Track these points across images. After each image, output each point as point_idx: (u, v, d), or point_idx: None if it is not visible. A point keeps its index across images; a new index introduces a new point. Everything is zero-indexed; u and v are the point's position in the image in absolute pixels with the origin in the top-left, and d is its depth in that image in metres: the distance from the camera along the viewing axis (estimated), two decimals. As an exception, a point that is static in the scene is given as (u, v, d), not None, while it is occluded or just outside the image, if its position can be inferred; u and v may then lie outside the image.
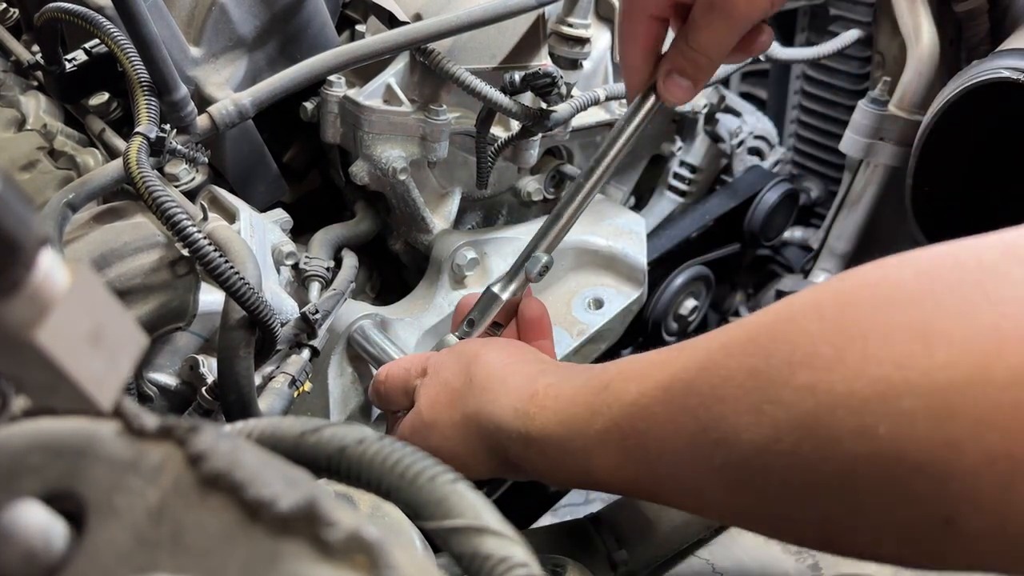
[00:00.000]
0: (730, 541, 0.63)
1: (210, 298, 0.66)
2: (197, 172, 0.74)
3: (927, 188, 0.93)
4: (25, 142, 0.72)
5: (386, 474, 0.29)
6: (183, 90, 0.66)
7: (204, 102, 0.72)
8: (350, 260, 0.82)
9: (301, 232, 0.85)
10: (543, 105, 0.80)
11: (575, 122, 0.88)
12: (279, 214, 0.80)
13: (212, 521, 0.23)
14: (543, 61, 0.82)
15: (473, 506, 0.28)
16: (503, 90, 0.77)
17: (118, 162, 0.63)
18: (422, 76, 0.80)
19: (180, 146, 0.65)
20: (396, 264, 0.96)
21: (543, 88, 0.76)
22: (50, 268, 0.22)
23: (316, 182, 0.92)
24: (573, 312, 0.92)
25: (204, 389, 0.66)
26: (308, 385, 0.71)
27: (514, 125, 0.83)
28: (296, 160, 0.89)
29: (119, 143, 0.72)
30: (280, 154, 0.87)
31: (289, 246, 0.76)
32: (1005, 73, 0.79)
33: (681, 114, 1.09)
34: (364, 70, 0.80)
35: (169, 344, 0.68)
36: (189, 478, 0.24)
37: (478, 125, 0.80)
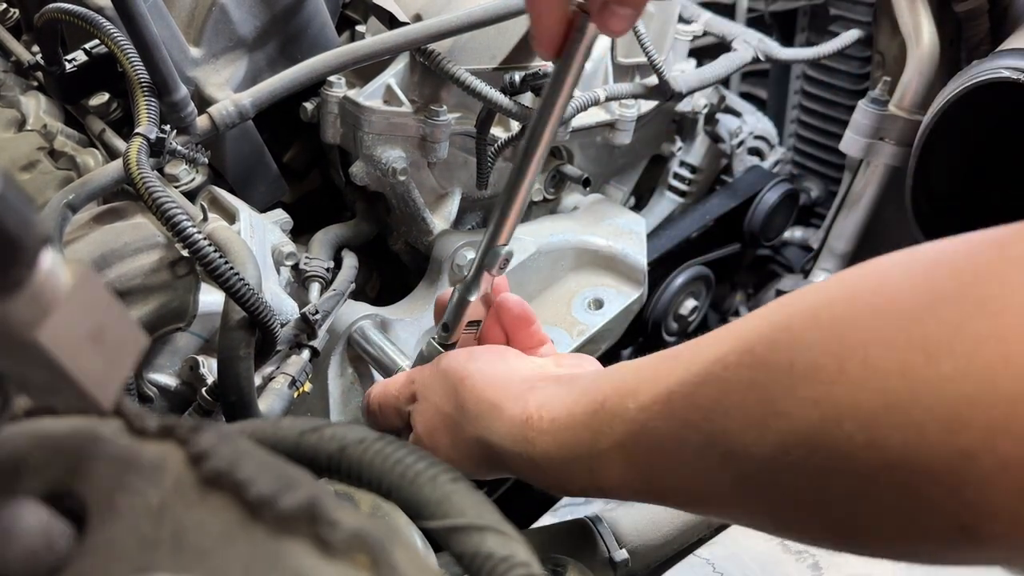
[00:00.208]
0: (730, 541, 0.63)
1: (210, 299, 0.66)
2: (197, 173, 0.74)
3: (927, 188, 0.93)
4: (25, 142, 0.72)
5: (387, 473, 0.29)
6: (183, 91, 0.66)
7: (204, 103, 0.72)
8: (350, 260, 0.82)
9: (301, 232, 0.85)
10: (543, 105, 0.80)
11: (575, 122, 0.88)
12: (279, 214, 0.80)
13: (213, 520, 0.23)
14: (543, 62, 0.82)
15: (474, 505, 0.28)
16: (503, 90, 0.77)
17: (118, 163, 0.63)
18: (422, 77, 0.80)
19: (180, 147, 0.65)
20: (396, 264, 0.96)
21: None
22: (51, 268, 0.22)
23: (316, 182, 0.92)
24: (573, 312, 0.92)
25: (204, 390, 0.66)
26: (308, 385, 0.71)
27: (514, 125, 0.83)
28: (296, 160, 0.89)
29: (119, 144, 0.72)
30: (280, 154, 0.87)
31: (289, 246, 0.76)
32: (1005, 73, 0.79)
33: (681, 114, 1.09)
34: (364, 71, 0.80)
35: (169, 344, 0.68)
36: (190, 478, 0.24)
37: (478, 125, 0.80)
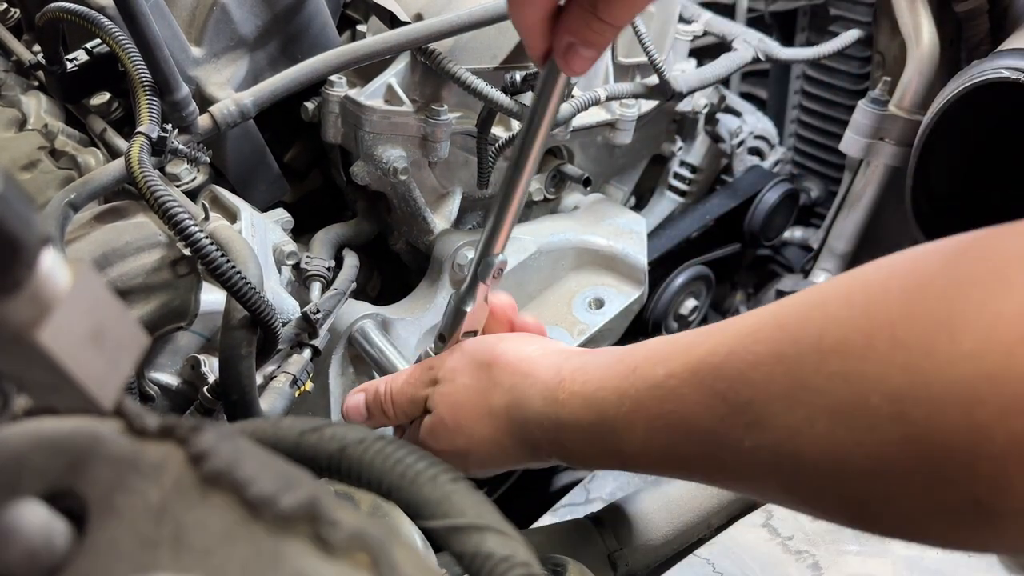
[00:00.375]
0: (730, 541, 0.63)
1: (211, 298, 0.66)
2: (198, 172, 0.74)
3: (927, 188, 0.93)
4: (26, 142, 0.72)
5: (387, 473, 0.29)
6: (184, 90, 0.66)
7: (205, 102, 0.72)
8: (351, 260, 0.82)
9: (302, 232, 0.85)
10: (544, 105, 0.80)
11: (575, 122, 0.88)
12: (280, 214, 0.80)
13: (213, 520, 0.23)
14: (544, 61, 0.82)
15: (474, 505, 0.28)
16: (504, 90, 0.77)
17: (120, 162, 0.63)
18: (423, 76, 0.80)
19: (181, 146, 0.65)
20: (397, 264, 0.96)
21: (544, 88, 0.76)
22: (52, 268, 0.22)
23: (317, 182, 0.92)
24: (574, 312, 0.92)
25: (206, 388, 0.66)
26: (309, 385, 0.71)
27: (515, 125, 0.83)
28: (297, 160, 0.89)
29: (120, 143, 0.72)
30: (281, 154, 0.87)
31: (290, 246, 0.76)
32: (1005, 73, 0.79)
33: (681, 114, 1.09)
34: (365, 70, 0.80)
35: (171, 344, 0.68)
36: (190, 477, 0.24)
37: (479, 125, 0.80)
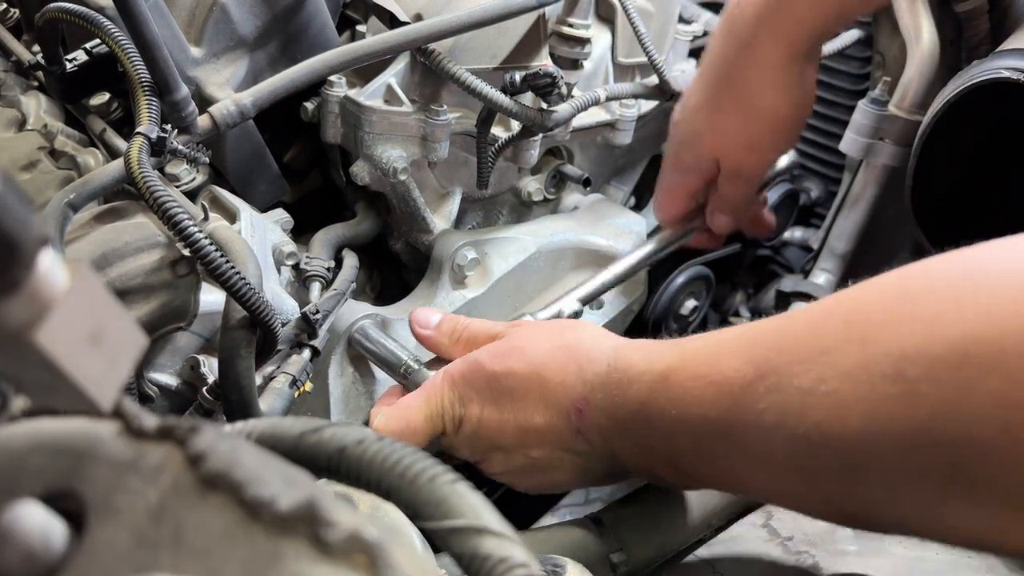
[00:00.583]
0: (730, 541, 0.63)
1: (211, 298, 0.66)
2: (198, 172, 0.74)
3: (927, 188, 0.93)
4: (26, 142, 0.72)
5: (386, 474, 0.29)
6: (184, 90, 0.66)
7: (205, 102, 0.72)
8: (351, 260, 0.82)
9: (302, 232, 0.85)
10: (543, 105, 0.80)
11: (576, 122, 0.88)
12: (280, 214, 0.80)
13: (212, 521, 0.23)
14: (543, 61, 0.82)
15: (473, 506, 0.28)
16: (503, 90, 0.77)
17: (119, 162, 0.63)
18: (423, 76, 0.80)
19: (181, 146, 0.65)
20: (397, 264, 0.96)
21: (543, 88, 0.76)
22: (50, 268, 0.22)
23: (317, 182, 0.92)
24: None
25: (205, 389, 0.66)
26: (309, 385, 0.71)
27: (514, 125, 0.83)
28: (297, 160, 0.89)
29: (120, 143, 0.72)
30: (281, 154, 0.87)
31: (290, 246, 0.76)
32: (1005, 73, 0.79)
33: (681, 114, 1.09)
34: (365, 70, 0.80)
35: (170, 344, 0.68)
36: (189, 478, 0.24)
37: (479, 125, 0.80)
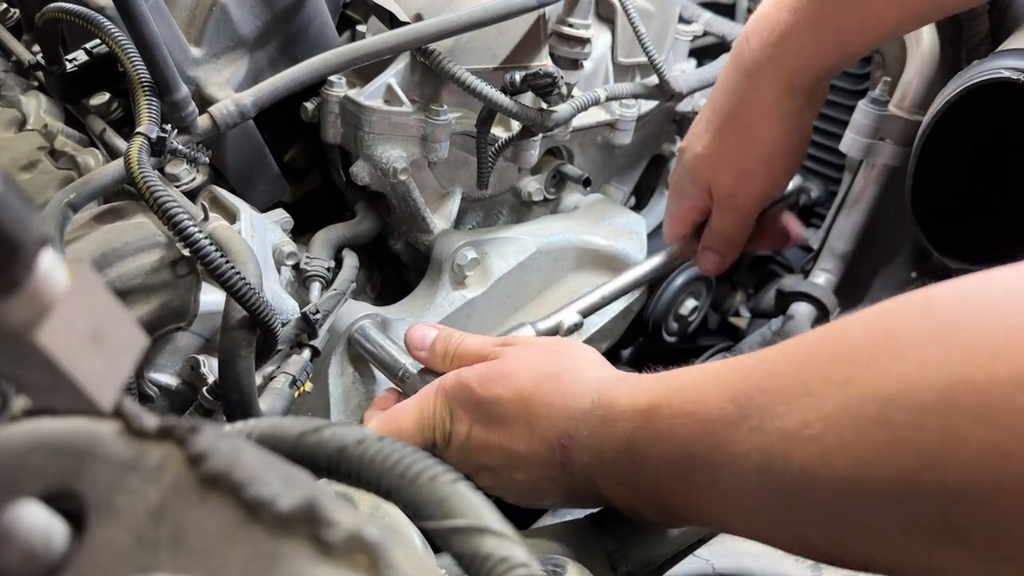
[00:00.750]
0: (730, 541, 0.63)
1: (211, 298, 0.66)
2: (198, 172, 0.74)
3: (927, 188, 0.93)
4: (26, 142, 0.72)
5: (386, 474, 0.29)
6: (184, 90, 0.66)
7: (205, 102, 0.72)
8: (351, 260, 0.82)
9: (302, 232, 0.85)
10: (543, 105, 0.80)
11: (576, 122, 0.88)
12: (280, 214, 0.80)
13: (212, 521, 0.23)
14: (543, 61, 0.82)
15: (473, 506, 0.28)
16: (503, 90, 0.77)
17: (119, 162, 0.63)
18: (423, 76, 0.80)
19: (181, 146, 0.65)
20: (397, 264, 0.96)
21: (543, 88, 0.76)
22: (50, 268, 0.22)
23: (317, 182, 0.93)
24: (573, 312, 0.92)
25: (205, 389, 0.66)
26: (309, 385, 0.71)
27: (514, 125, 0.83)
28: (297, 160, 0.89)
29: (120, 143, 0.72)
30: (281, 154, 0.87)
31: (290, 246, 0.76)
32: (1005, 73, 0.79)
33: (681, 114, 1.09)
34: (365, 70, 0.80)
35: (170, 344, 0.68)
36: (189, 478, 0.24)
37: (478, 125, 0.80)
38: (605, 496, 0.58)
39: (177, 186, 0.72)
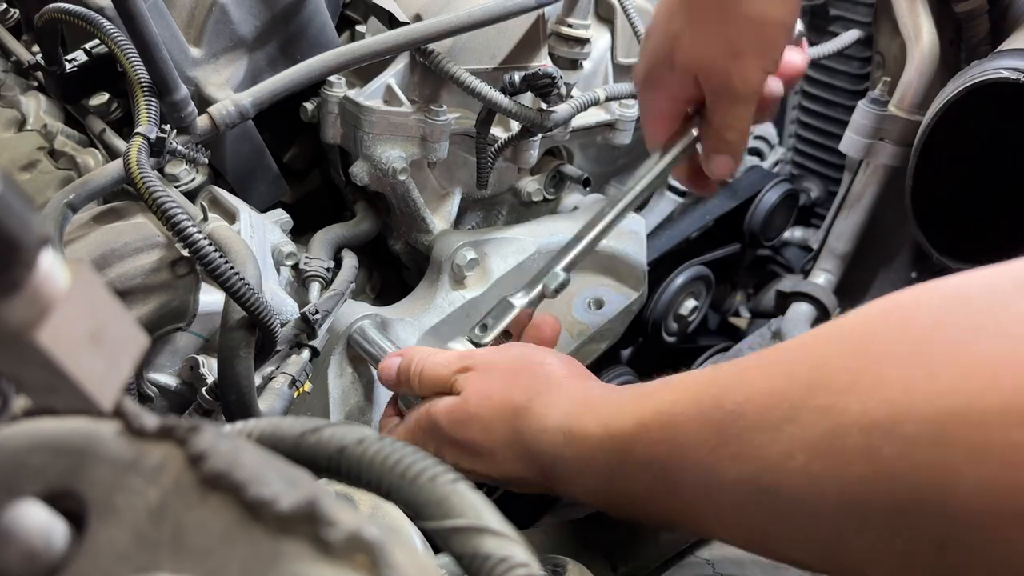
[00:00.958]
0: (730, 541, 0.63)
1: (210, 298, 0.66)
2: (197, 172, 0.74)
3: (927, 188, 0.93)
4: (25, 142, 0.73)
5: (386, 474, 0.29)
6: (183, 90, 0.66)
7: (204, 102, 0.72)
8: (350, 260, 0.82)
9: (301, 232, 0.85)
10: (543, 105, 0.80)
11: (575, 122, 0.88)
12: (279, 214, 0.80)
13: (213, 521, 0.23)
14: (543, 61, 0.82)
15: (473, 506, 0.28)
16: (503, 90, 0.77)
17: (118, 162, 0.63)
18: (422, 76, 0.80)
19: (180, 146, 0.65)
20: (396, 264, 0.96)
21: (543, 88, 0.76)
22: (51, 268, 0.22)
23: (316, 182, 0.93)
24: (573, 312, 0.92)
25: (204, 389, 0.66)
26: (308, 385, 0.71)
27: (514, 125, 0.83)
28: (296, 160, 0.89)
29: (119, 143, 0.72)
30: (280, 154, 0.87)
31: (289, 246, 0.76)
32: (1005, 73, 0.79)
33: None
34: (364, 70, 0.80)
35: (169, 344, 0.68)
36: (189, 478, 0.24)
37: (478, 125, 0.80)
38: (594, 505, 0.59)
39: (177, 186, 0.72)
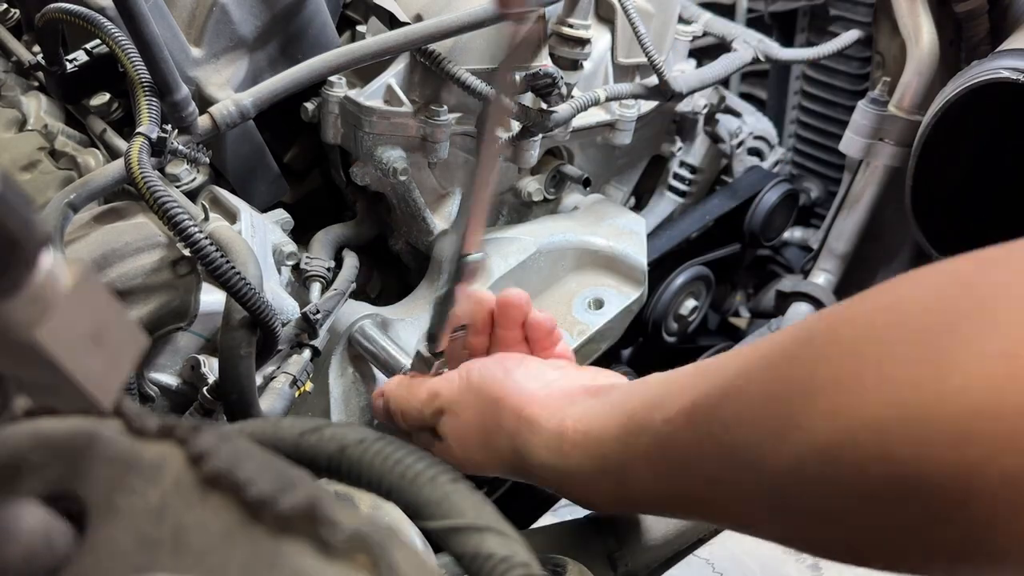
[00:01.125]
0: (730, 541, 0.63)
1: (211, 298, 0.66)
2: (198, 172, 0.74)
3: (927, 188, 0.93)
4: (26, 142, 0.73)
5: (386, 474, 0.29)
6: (184, 90, 0.66)
7: (205, 102, 0.72)
8: (351, 260, 0.82)
9: (302, 232, 0.85)
10: (543, 105, 0.80)
11: (575, 122, 0.88)
12: (280, 214, 0.80)
13: (213, 520, 0.23)
14: (543, 62, 0.82)
15: (473, 506, 0.28)
16: (503, 90, 0.77)
17: (119, 162, 0.63)
18: (423, 77, 0.80)
19: (181, 146, 0.65)
20: (397, 264, 0.96)
21: (543, 88, 0.76)
22: (52, 268, 0.22)
23: (317, 182, 0.92)
24: (573, 312, 0.92)
25: (205, 389, 0.66)
26: (309, 385, 0.71)
27: (514, 125, 0.83)
28: (297, 160, 0.89)
29: (120, 143, 0.72)
30: (281, 154, 0.87)
31: (290, 246, 0.76)
32: (1005, 73, 0.79)
33: (681, 114, 1.09)
34: (365, 71, 0.80)
35: (170, 344, 0.68)
36: (190, 478, 0.24)
37: (478, 125, 0.80)
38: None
39: (177, 186, 0.72)
